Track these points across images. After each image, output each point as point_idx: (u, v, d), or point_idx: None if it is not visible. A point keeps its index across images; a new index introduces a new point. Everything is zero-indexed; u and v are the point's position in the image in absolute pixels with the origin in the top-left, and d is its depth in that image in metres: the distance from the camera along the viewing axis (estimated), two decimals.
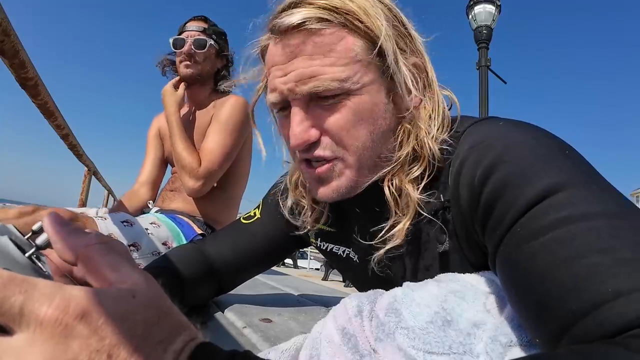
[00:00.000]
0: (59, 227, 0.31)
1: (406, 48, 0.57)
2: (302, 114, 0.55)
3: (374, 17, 0.53)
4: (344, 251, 0.70)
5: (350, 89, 0.53)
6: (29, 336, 0.24)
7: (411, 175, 0.56)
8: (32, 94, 1.22)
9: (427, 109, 0.58)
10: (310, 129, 0.55)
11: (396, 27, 0.57)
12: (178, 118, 1.51)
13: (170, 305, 0.30)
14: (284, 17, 0.53)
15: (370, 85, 0.54)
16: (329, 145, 0.56)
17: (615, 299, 0.32)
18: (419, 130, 0.56)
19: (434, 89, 0.59)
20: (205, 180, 1.43)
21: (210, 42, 1.55)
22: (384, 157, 0.57)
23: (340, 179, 0.57)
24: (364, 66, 0.54)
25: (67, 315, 0.24)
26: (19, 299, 0.24)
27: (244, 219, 0.86)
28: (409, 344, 0.42)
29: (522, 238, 0.40)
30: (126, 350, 0.25)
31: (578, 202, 0.39)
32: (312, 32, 0.52)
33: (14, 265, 0.29)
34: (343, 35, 0.53)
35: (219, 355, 0.29)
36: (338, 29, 0.53)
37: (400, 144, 0.57)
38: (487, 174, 0.46)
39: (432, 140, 0.55)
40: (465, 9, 4.72)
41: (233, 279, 0.89)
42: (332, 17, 0.52)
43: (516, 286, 0.41)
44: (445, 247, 0.55)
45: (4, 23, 0.88)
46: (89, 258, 0.30)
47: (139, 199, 1.67)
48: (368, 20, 0.53)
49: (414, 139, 0.56)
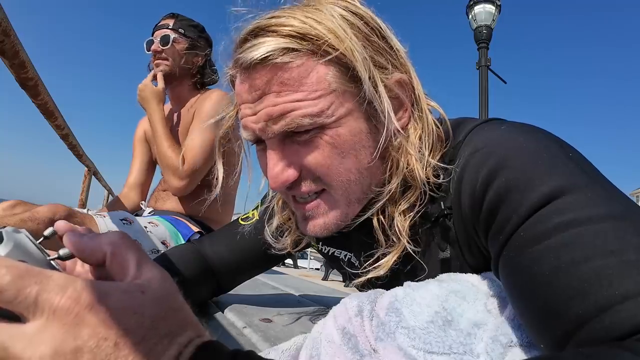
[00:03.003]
0: (79, 237, 0.33)
1: (387, 64, 0.53)
2: (277, 154, 0.52)
3: (344, 39, 0.48)
4: (346, 255, 0.70)
5: (324, 122, 0.49)
6: (42, 323, 0.25)
7: (402, 207, 0.54)
8: (32, 94, 1.22)
9: (417, 129, 0.54)
10: (287, 168, 0.52)
11: (373, 42, 0.52)
12: (161, 115, 1.49)
13: (182, 302, 0.31)
14: (247, 51, 0.49)
15: (347, 115, 0.50)
16: (312, 180, 0.53)
17: (622, 302, 0.32)
18: (409, 157, 0.53)
19: (421, 105, 0.56)
20: (189, 179, 1.42)
21: (175, 36, 1.53)
22: (373, 188, 0.55)
23: (328, 215, 0.55)
24: (339, 96, 0.50)
25: (78, 304, 0.26)
26: (35, 289, 0.25)
27: (242, 220, 0.85)
28: (409, 343, 0.42)
29: (526, 242, 0.40)
30: (132, 340, 0.26)
31: (583, 205, 0.38)
32: (278, 67, 0.48)
33: (31, 260, 0.31)
34: (312, 65, 0.49)
35: (222, 352, 0.29)
36: (307, 58, 0.48)
37: (390, 176, 0.54)
38: (490, 179, 0.45)
39: (423, 168, 0.52)
40: (465, 9, 4.73)
41: (231, 280, 0.89)
42: (299, 46, 0.48)
43: (520, 291, 0.40)
44: (446, 254, 0.54)
45: (4, 23, 0.88)
46: (117, 254, 0.31)
47: (129, 202, 1.67)
48: (339, 44, 0.48)
49: (405, 167, 0.53)
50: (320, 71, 0.49)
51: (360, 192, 0.54)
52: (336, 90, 0.50)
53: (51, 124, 1.62)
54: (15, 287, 0.25)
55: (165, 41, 1.52)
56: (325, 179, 0.52)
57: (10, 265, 0.26)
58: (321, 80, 0.49)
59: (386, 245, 0.55)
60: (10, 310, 0.26)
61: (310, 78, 0.49)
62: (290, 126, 0.49)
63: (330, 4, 0.52)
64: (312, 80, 0.49)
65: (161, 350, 0.27)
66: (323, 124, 0.49)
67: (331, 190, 0.53)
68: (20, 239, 0.31)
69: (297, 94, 0.49)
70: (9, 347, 0.25)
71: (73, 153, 2.25)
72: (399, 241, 0.54)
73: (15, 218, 1.07)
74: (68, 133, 1.86)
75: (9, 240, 0.30)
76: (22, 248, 0.31)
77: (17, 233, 0.31)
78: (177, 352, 0.28)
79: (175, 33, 1.54)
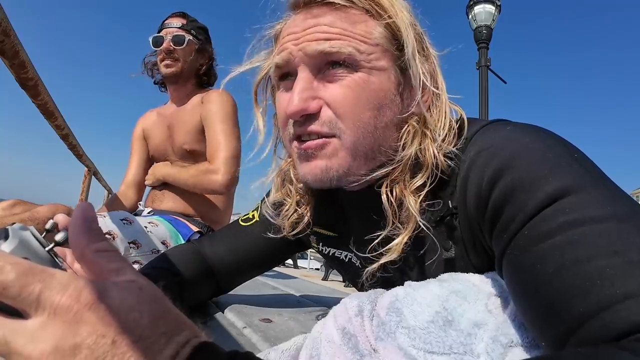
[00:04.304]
0: (82, 222, 0.32)
1: (422, 52, 0.57)
2: (306, 81, 0.53)
3: (398, 8, 0.54)
4: (346, 256, 0.70)
5: (362, 63, 0.52)
6: (43, 320, 0.26)
7: (413, 186, 0.53)
8: (32, 94, 1.22)
9: (434, 117, 0.56)
10: (311, 99, 0.52)
11: (416, 29, 0.57)
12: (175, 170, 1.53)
13: (172, 306, 0.31)
14: None
15: (382, 70, 0.54)
16: (328, 121, 0.52)
17: (623, 301, 0.32)
18: (424, 136, 0.54)
19: (442, 100, 0.57)
20: (225, 169, 1.41)
21: (189, 38, 1.53)
22: (384, 150, 0.55)
23: (332, 159, 0.53)
24: (381, 51, 0.53)
25: (79, 303, 0.26)
26: (38, 286, 0.26)
27: (242, 221, 0.85)
28: (409, 343, 0.42)
29: (531, 241, 0.40)
30: (130, 337, 0.26)
31: (587, 205, 0.39)
32: (336, 8, 0.53)
33: (34, 257, 0.31)
34: (365, 18, 0.54)
35: (220, 353, 0.29)
36: (362, 12, 0.54)
37: (403, 145, 0.54)
38: (495, 178, 0.46)
39: (437, 149, 0.53)
40: (465, 9, 4.73)
41: (231, 280, 0.89)
42: (359, 2, 0.53)
43: (523, 289, 0.40)
44: (451, 253, 0.54)
45: (4, 23, 0.88)
46: (96, 263, 0.31)
47: (127, 201, 1.66)
48: (392, 10, 0.53)
49: (418, 143, 0.54)
50: (370, 25, 0.54)
51: (370, 148, 0.54)
52: (380, 45, 0.53)
53: (51, 124, 1.62)
54: (20, 284, 0.26)
55: (179, 41, 1.51)
56: (343, 120, 0.52)
57: (16, 263, 0.26)
58: (369, 32, 0.53)
59: (393, 226, 0.54)
60: (13, 306, 0.26)
61: (362, 26, 0.53)
62: (332, 49, 0.51)
63: None
64: (362, 28, 0.53)
65: (158, 349, 0.27)
66: (361, 63, 0.52)
67: (343, 136, 0.53)
68: (25, 236, 0.32)
69: (346, 30, 0.52)
70: (11, 341, 0.26)
71: (73, 153, 2.25)
72: (408, 222, 0.53)
73: (15, 218, 1.07)
74: (68, 133, 1.86)
75: (14, 237, 0.31)
76: (26, 245, 0.31)
77: (23, 230, 0.32)
78: (174, 351, 0.28)
79: (188, 34, 1.54)
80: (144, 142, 1.73)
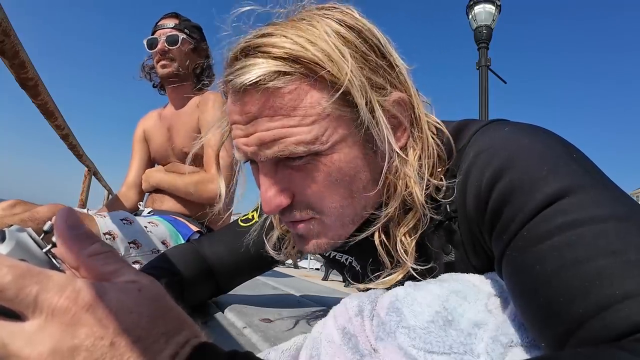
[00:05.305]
0: (66, 231, 0.32)
1: (385, 84, 0.50)
2: (270, 179, 0.51)
3: (339, 62, 0.46)
4: (347, 259, 0.70)
5: (319, 150, 0.48)
6: (41, 322, 0.26)
7: (405, 229, 0.53)
8: (32, 94, 1.22)
9: (416, 150, 0.53)
10: (280, 194, 0.51)
11: (371, 61, 0.50)
12: (169, 177, 1.54)
13: (174, 303, 0.31)
14: (237, 73, 0.47)
15: (342, 141, 0.49)
16: (304, 207, 0.52)
17: (622, 301, 0.32)
18: (408, 180, 0.51)
19: (421, 125, 0.53)
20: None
21: (183, 37, 1.53)
22: (370, 208, 0.54)
23: (320, 237, 0.54)
24: (334, 121, 0.48)
25: (76, 305, 0.26)
26: (35, 288, 0.26)
27: (242, 222, 0.85)
28: (409, 343, 0.42)
29: (530, 241, 0.40)
30: (128, 339, 0.26)
31: (586, 205, 0.39)
32: (269, 92, 0.46)
33: (32, 259, 0.31)
34: (306, 89, 0.46)
35: (220, 353, 0.29)
36: (299, 82, 0.46)
37: (387, 198, 0.53)
38: (494, 180, 0.46)
39: (423, 190, 0.51)
40: (465, 9, 4.73)
41: (231, 280, 0.89)
42: (291, 69, 0.46)
43: (522, 289, 0.40)
44: (451, 257, 0.54)
45: (4, 23, 0.88)
46: (92, 267, 0.31)
47: (128, 202, 1.66)
48: (332, 67, 0.46)
49: (404, 190, 0.51)
50: (314, 96, 0.47)
51: (354, 214, 0.54)
52: (330, 115, 0.47)
53: (51, 124, 1.62)
54: (16, 286, 0.26)
55: (173, 41, 1.51)
56: (317, 207, 0.51)
57: (12, 265, 0.26)
58: (315, 105, 0.47)
59: (391, 266, 0.55)
60: (11, 309, 0.26)
61: (304, 103, 0.46)
62: (283, 153, 0.48)
63: (326, 17, 0.49)
64: (305, 105, 0.46)
65: (158, 350, 0.27)
66: (317, 151, 0.48)
67: (323, 217, 0.52)
68: (22, 238, 0.32)
69: (289, 119, 0.46)
70: (8, 344, 0.25)
71: (73, 153, 2.25)
72: (404, 262, 0.53)
73: (15, 218, 1.07)
74: (68, 133, 1.86)
75: (11, 239, 0.30)
76: (23, 247, 0.31)
77: (20, 232, 0.32)
78: (173, 351, 0.28)
79: (182, 33, 1.53)
80: (145, 144, 1.73)
